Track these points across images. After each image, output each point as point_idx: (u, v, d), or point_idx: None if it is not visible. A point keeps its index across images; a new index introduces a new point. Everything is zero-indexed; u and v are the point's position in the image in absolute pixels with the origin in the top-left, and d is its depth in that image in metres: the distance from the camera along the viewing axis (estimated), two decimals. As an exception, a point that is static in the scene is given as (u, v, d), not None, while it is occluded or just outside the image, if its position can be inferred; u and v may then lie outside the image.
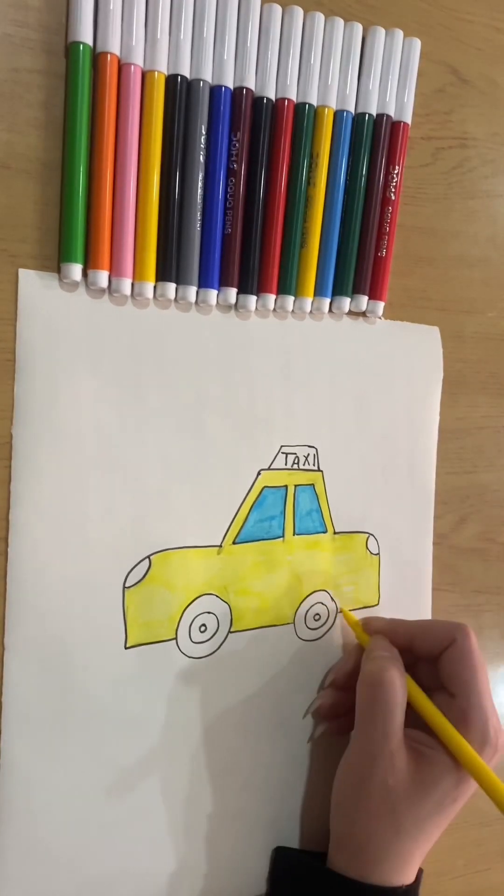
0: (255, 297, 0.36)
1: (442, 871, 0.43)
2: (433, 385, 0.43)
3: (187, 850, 0.36)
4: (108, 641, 0.34)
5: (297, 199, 0.36)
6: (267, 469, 0.37)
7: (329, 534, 0.39)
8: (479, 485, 0.45)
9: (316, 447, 0.39)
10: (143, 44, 0.33)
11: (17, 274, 0.32)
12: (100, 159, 0.32)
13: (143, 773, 0.35)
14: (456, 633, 0.35)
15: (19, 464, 0.32)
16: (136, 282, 0.33)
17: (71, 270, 0.32)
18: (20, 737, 0.32)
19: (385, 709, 0.33)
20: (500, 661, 0.45)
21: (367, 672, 0.35)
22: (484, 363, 0.44)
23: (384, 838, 0.32)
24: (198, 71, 0.34)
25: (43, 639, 0.32)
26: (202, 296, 0.35)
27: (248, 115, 0.35)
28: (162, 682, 0.35)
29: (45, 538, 0.32)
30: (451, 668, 0.34)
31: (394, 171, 0.38)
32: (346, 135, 0.37)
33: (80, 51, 0.31)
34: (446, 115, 0.42)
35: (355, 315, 0.40)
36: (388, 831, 0.32)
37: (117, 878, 0.34)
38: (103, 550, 0.33)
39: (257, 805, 0.37)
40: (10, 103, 0.32)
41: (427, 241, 0.42)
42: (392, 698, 0.33)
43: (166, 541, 0.35)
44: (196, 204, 0.34)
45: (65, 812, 0.33)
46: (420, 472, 0.42)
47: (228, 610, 0.37)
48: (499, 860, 0.45)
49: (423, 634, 0.36)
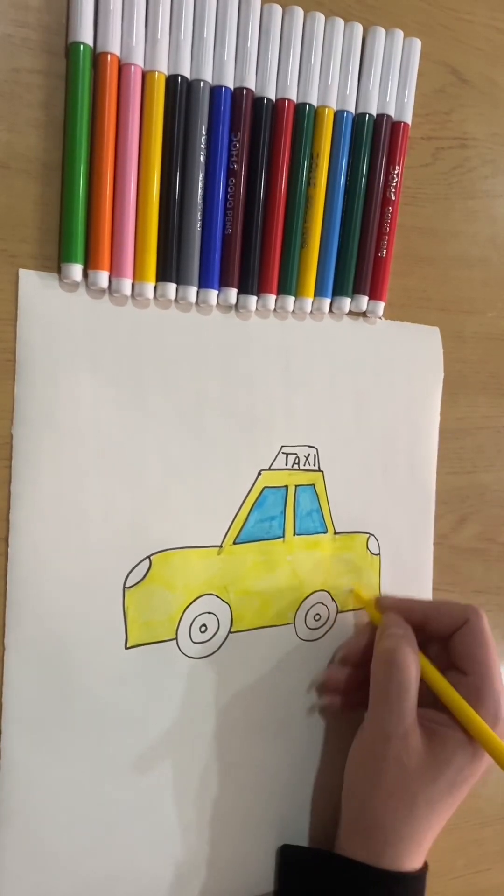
0: (255, 297, 0.36)
1: (442, 871, 0.43)
2: (433, 385, 0.43)
3: (188, 850, 0.36)
4: (109, 641, 0.34)
5: (298, 200, 0.36)
6: (267, 469, 0.37)
7: (329, 534, 0.39)
8: (479, 485, 0.45)
9: (316, 447, 0.39)
10: (143, 44, 0.33)
11: (17, 274, 0.32)
12: (100, 159, 0.32)
13: (143, 773, 0.35)
14: (469, 613, 0.35)
15: (19, 464, 0.32)
16: (136, 282, 0.33)
17: (71, 270, 0.32)
18: (20, 737, 0.32)
19: (400, 687, 0.33)
20: (500, 660, 0.45)
21: (381, 650, 0.35)
22: (484, 363, 0.44)
23: (398, 818, 0.32)
24: (198, 71, 0.34)
25: (43, 639, 0.32)
26: (202, 296, 0.35)
27: (249, 115, 0.35)
28: (162, 682, 0.35)
29: (45, 538, 0.32)
30: (464, 648, 0.34)
31: (394, 171, 0.38)
32: (347, 135, 0.37)
33: (80, 51, 0.31)
34: (446, 116, 0.42)
35: (355, 315, 0.40)
36: (401, 810, 0.32)
37: (117, 878, 0.34)
38: (103, 550, 0.33)
39: (258, 805, 0.37)
40: (10, 103, 0.32)
41: (427, 241, 0.42)
42: (407, 677, 0.33)
43: (166, 541, 0.35)
44: (196, 204, 0.34)
45: (65, 812, 0.33)
46: (420, 472, 0.42)
47: (229, 610, 0.37)
48: (499, 860, 0.45)
49: (436, 614, 0.36)
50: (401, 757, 0.32)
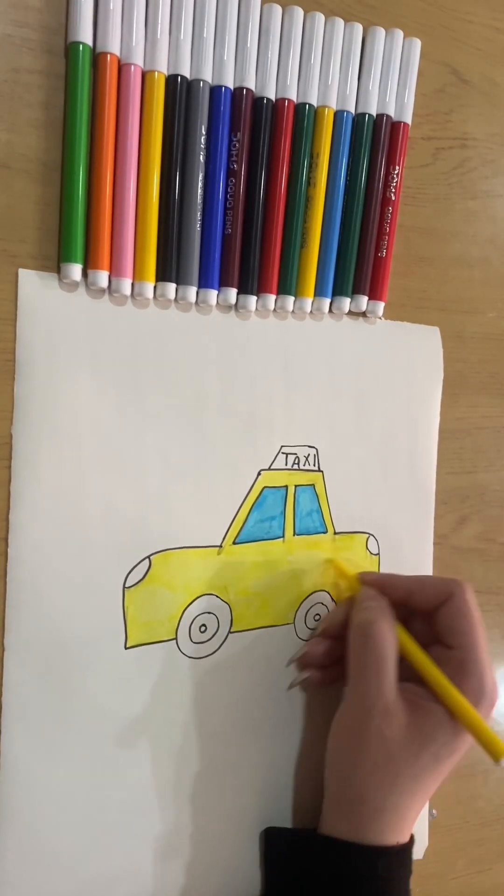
0: (255, 297, 0.36)
1: (442, 871, 0.43)
2: (433, 385, 0.43)
3: (188, 850, 0.36)
4: (108, 641, 0.34)
5: (298, 200, 0.36)
6: (267, 469, 0.37)
7: (329, 534, 0.39)
8: (479, 485, 0.45)
9: (316, 447, 0.39)
10: (143, 44, 0.33)
11: (17, 274, 0.32)
12: (100, 159, 0.32)
13: (143, 773, 0.35)
14: (454, 587, 0.34)
15: (19, 464, 0.32)
16: (136, 282, 0.33)
17: (71, 270, 0.32)
18: (20, 737, 0.32)
19: (377, 659, 0.33)
20: (500, 661, 0.45)
21: (357, 623, 0.34)
22: (484, 363, 0.44)
23: (381, 791, 0.32)
24: (198, 71, 0.34)
25: (43, 639, 0.32)
26: (202, 296, 0.35)
27: (249, 115, 0.35)
28: (162, 682, 0.35)
29: (45, 538, 0.32)
30: (449, 622, 0.34)
31: (394, 171, 0.38)
32: (347, 135, 0.37)
33: (80, 51, 0.31)
34: (446, 116, 0.42)
35: (355, 315, 0.40)
36: (384, 783, 0.32)
37: (117, 878, 0.34)
38: (103, 550, 0.33)
39: (259, 805, 0.37)
40: (10, 103, 0.32)
41: (427, 241, 0.42)
42: (382, 648, 0.33)
43: (166, 541, 0.35)
44: (196, 204, 0.34)
45: (65, 812, 0.33)
46: (420, 472, 0.42)
47: (229, 610, 0.37)
48: (499, 860, 0.45)
49: (419, 589, 0.35)
50: (383, 731, 0.32)
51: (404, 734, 0.32)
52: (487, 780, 0.45)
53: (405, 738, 0.32)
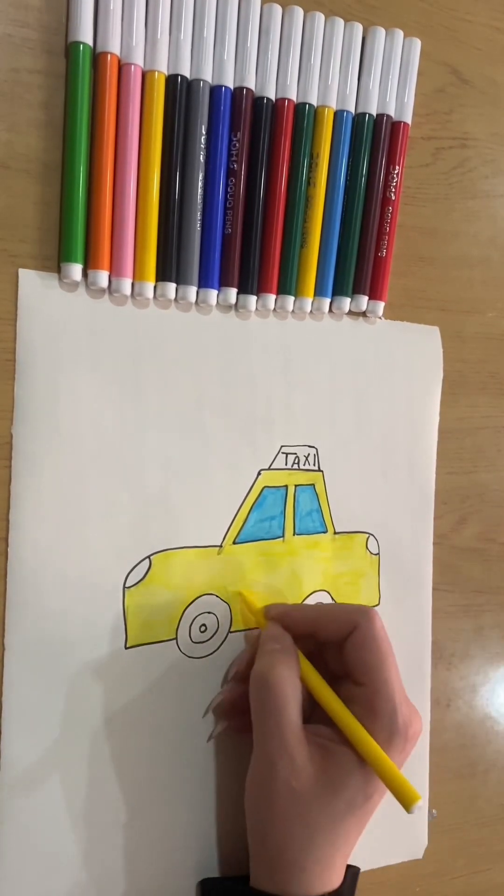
0: (255, 297, 0.36)
1: (442, 871, 0.43)
2: (433, 385, 0.43)
3: (189, 851, 0.36)
4: (109, 641, 0.34)
5: (297, 199, 0.36)
6: (267, 469, 0.37)
7: (329, 534, 0.39)
8: (479, 485, 0.45)
9: (316, 447, 0.39)
10: (143, 44, 0.33)
11: (17, 274, 0.32)
12: (100, 159, 0.32)
13: (143, 773, 0.35)
14: (359, 617, 0.32)
15: (19, 464, 0.32)
16: (136, 282, 0.33)
17: (71, 270, 0.32)
18: (20, 737, 0.32)
19: (276, 710, 0.31)
20: (500, 660, 0.45)
21: (254, 672, 0.32)
22: (484, 363, 0.44)
23: (298, 845, 0.30)
24: (198, 71, 0.34)
25: (43, 639, 0.32)
26: (202, 296, 0.35)
27: (249, 115, 0.35)
28: (162, 683, 0.35)
29: (45, 538, 0.32)
30: (356, 655, 0.32)
31: (394, 171, 0.38)
32: (347, 135, 0.37)
33: (80, 51, 0.31)
34: (446, 115, 0.42)
35: (355, 315, 0.40)
36: (301, 837, 0.30)
37: (117, 877, 0.34)
38: (103, 550, 0.33)
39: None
40: (10, 103, 0.32)
41: (427, 241, 0.42)
42: (281, 699, 0.31)
43: (166, 541, 0.35)
44: (196, 204, 0.34)
45: (65, 812, 0.33)
46: (420, 472, 0.42)
47: (228, 610, 0.37)
48: (499, 860, 0.45)
49: (324, 620, 0.34)
50: (290, 781, 0.30)
51: (314, 784, 0.30)
52: (487, 780, 0.45)
53: (316, 789, 0.30)
